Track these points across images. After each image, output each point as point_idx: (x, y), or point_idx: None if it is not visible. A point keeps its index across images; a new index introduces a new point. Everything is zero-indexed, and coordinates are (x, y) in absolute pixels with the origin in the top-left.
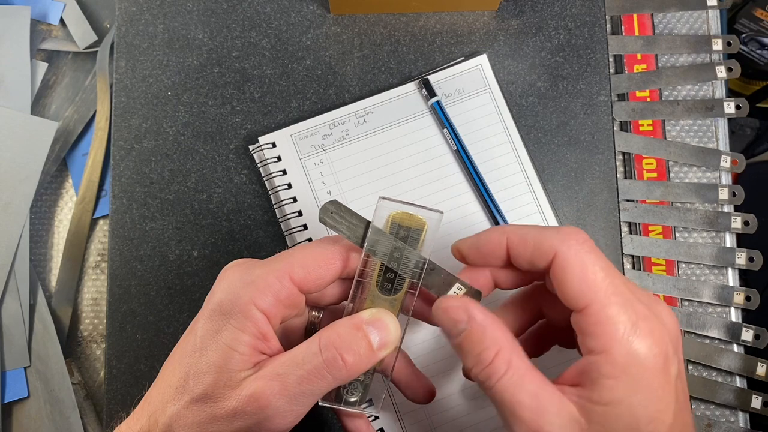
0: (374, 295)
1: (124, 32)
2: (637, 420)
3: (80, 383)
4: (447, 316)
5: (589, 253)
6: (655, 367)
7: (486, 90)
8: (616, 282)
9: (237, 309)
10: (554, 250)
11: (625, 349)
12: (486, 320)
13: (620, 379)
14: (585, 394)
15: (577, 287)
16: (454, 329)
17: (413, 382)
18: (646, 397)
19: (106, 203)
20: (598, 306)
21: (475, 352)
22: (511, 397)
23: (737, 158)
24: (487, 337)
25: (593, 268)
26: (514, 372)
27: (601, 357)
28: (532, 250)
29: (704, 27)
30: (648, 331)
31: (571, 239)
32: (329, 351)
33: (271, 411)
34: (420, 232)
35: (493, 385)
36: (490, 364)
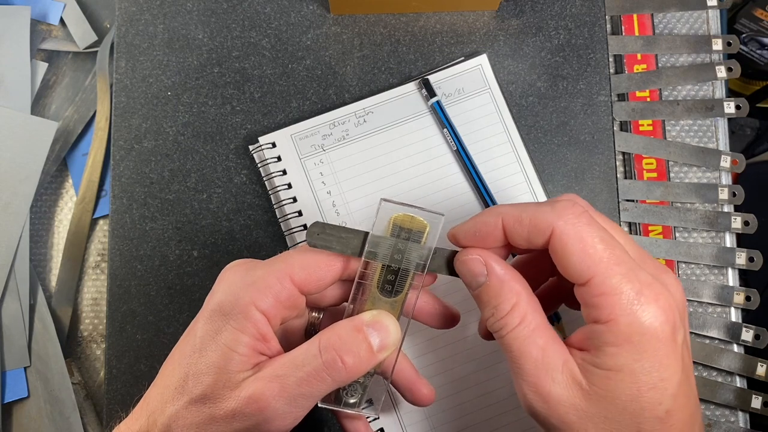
0: (375, 297)
1: (124, 32)
2: (638, 386)
3: (80, 383)
4: (467, 268)
5: (587, 226)
6: (661, 335)
7: (486, 90)
8: (617, 252)
9: (237, 310)
10: (551, 226)
11: (629, 318)
12: (505, 273)
13: (623, 347)
14: (589, 358)
15: (577, 262)
16: (473, 281)
17: (413, 384)
18: (650, 364)
19: (106, 203)
20: (600, 278)
21: (493, 304)
22: (520, 347)
23: (737, 158)
24: (505, 290)
25: (592, 241)
26: (527, 325)
27: (605, 326)
28: (529, 229)
29: (704, 27)
30: (653, 299)
31: (567, 213)
32: (329, 353)
33: (270, 412)
34: (421, 234)
35: (506, 335)
36: (506, 316)
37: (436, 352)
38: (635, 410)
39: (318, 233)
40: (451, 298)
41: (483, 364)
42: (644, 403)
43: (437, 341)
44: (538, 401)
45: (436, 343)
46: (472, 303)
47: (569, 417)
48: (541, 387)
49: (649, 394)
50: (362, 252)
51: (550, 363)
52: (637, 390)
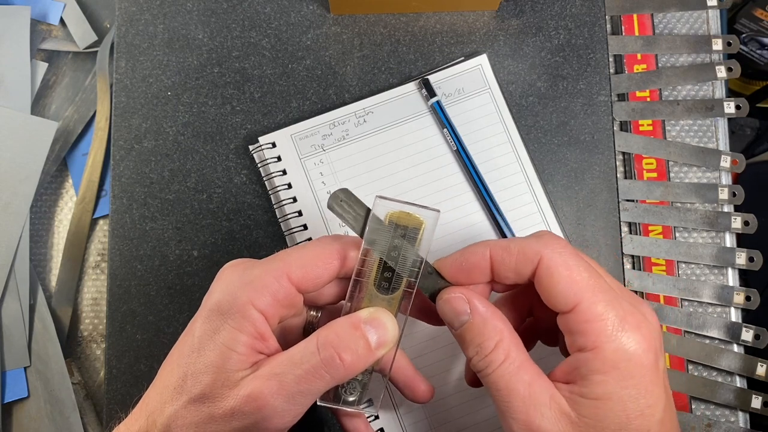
0: (372, 294)
1: (124, 32)
2: (627, 414)
3: (80, 383)
4: (450, 307)
5: (572, 256)
6: (645, 362)
7: (486, 90)
8: (600, 281)
9: (235, 309)
10: (539, 255)
11: (615, 345)
12: (487, 312)
13: (610, 374)
14: (576, 390)
15: (564, 289)
16: (456, 320)
17: (411, 381)
18: (636, 391)
19: (106, 203)
20: (586, 304)
21: (476, 342)
22: (507, 385)
23: (737, 158)
24: (488, 328)
25: (578, 269)
26: (511, 362)
27: (591, 354)
28: (517, 258)
29: (704, 27)
30: (635, 327)
31: (553, 244)
32: (327, 350)
33: (268, 411)
34: (417, 231)
35: (491, 374)
36: (490, 353)
37: (436, 351)
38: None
39: (341, 200)
40: None
41: None
42: (632, 430)
43: (437, 341)
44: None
45: (436, 343)
46: None
47: None
48: (530, 423)
49: (638, 422)
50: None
51: (537, 398)
52: (626, 417)
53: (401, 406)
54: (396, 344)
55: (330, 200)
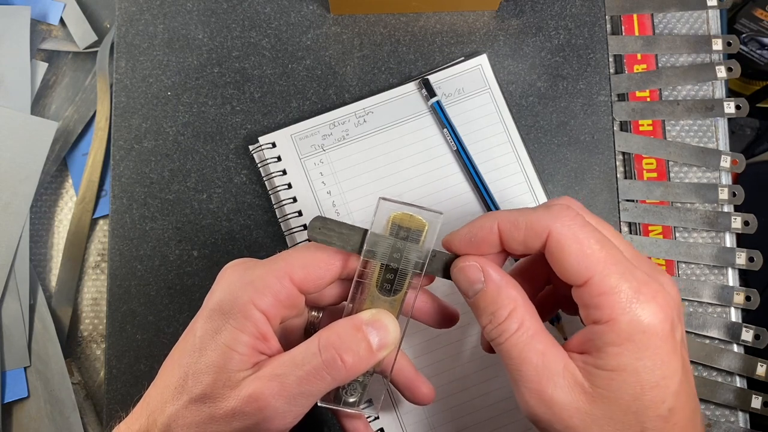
0: (374, 296)
1: (124, 32)
2: (641, 385)
3: (80, 383)
4: (464, 275)
5: (582, 228)
6: (661, 334)
7: (486, 90)
8: (613, 252)
9: (236, 309)
10: (547, 229)
11: (629, 317)
12: (502, 279)
13: (625, 346)
14: (590, 361)
15: (575, 263)
16: (470, 288)
17: (412, 383)
18: (651, 363)
19: (106, 203)
20: (598, 278)
21: (490, 311)
22: (520, 354)
23: (737, 158)
24: (502, 296)
25: (588, 242)
26: (525, 331)
27: (606, 326)
28: (525, 233)
29: (704, 27)
30: (651, 297)
31: (563, 216)
32: (328, 352)
33: (270, 411)
34: (420, 233)
35: (504, 342)
36: (504, 322)
37: (436, 352)
38: (638, 409)
39: (319, 227)
40: (450, 297)
41: (483, 364)
42: (647, 401)
43: (437, 341)
44: (541, 407)
45: (436, 343)
46: None
47: (573, 421)
48: (543, 392)
49: (652, 393)
50: (361, 250)
51: (551, 368)
52: (640, 389)
53: (401, 406)
54: (397, 346)
55: (309, 233)
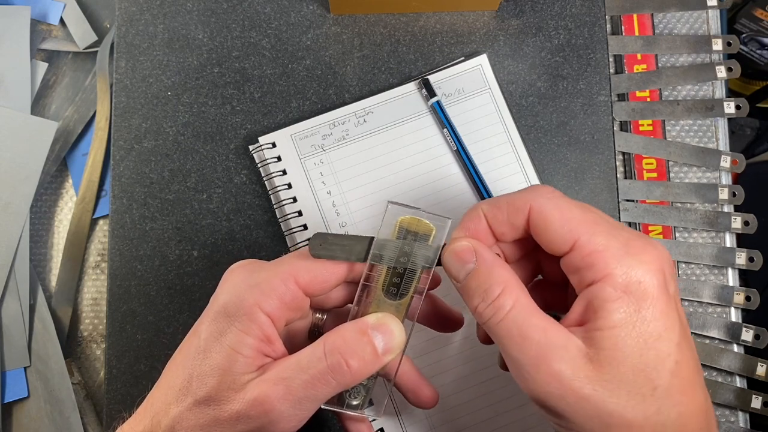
0: (380, 300)
1: (124, 32)
2: (644, 338)
3: (80, 383)
4: (456, 257)
5: (561, 198)
6: (655, 284)
7: (486, 90)
8: (595, 215)
9: (241, 311)
10: (528, 203)
11: (623, 269)
12: (494, 260)
13: (623, 299)
14: (590, 327)
15: (558, 228)
16: (462, 270)
17: (416, 386)
18: (651, 313)
19: (106, 203)
20: (586, 237)
21: (483, 288)
22: (520, 332)
23: (737, 158)
24: (494, 274)
25: (569, 207)
26: (521, 308)
27: (601, 283)
28: (507, 210)
29: (704, 27)
30: (641, 250)
31: (541, 190)
32: (334, 356)
33: (275, 415)
34: (428, 238)
35: (500, 321)
36: (497, 299)
37: (436, 352)
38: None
39: (320, 244)
40: (454, 301)
41: (483, 364)
42: (653, 356)
43: (437, 341)
44: (550, 383)
45: (437, 344)
46: None
47: (585, 391)
48: (550, 367)
49: (657, 345)
50: (367, 256)
51: (554, 341)
52: (644, 342)
53: (401, 406)
54: (402, 350)
55: (311, 251)
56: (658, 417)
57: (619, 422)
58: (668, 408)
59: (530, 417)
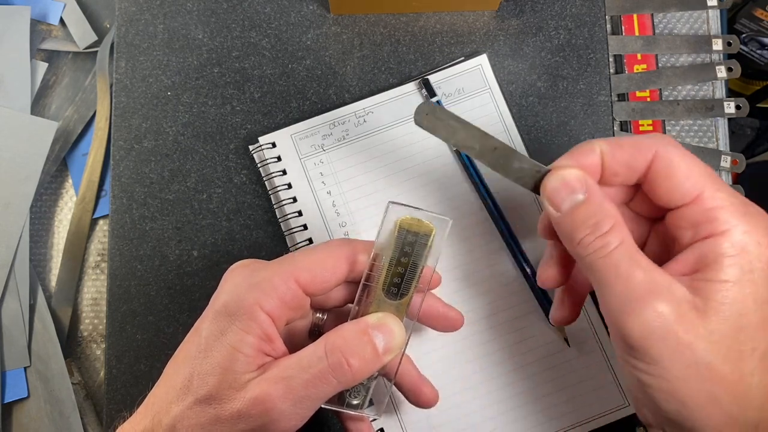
0: (380, 299)
1: (124, 32)
2: (754, 298)
3: (80, 383)
4: (563, 183)
5: (685, 151)
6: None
7: (486, 90)
8: (716, 174)
9: (242, 310)
10: (653, 149)
11: (743, 228)
12: (604, 195)
13: (741, 256)
14: (700, 276)
15: (684, 179)
16: (568, 199)
17: (416, 386)
18: (763, 276)
19: (106, 203)
20: (710, 192)
21: (593, 221)
22: (626, 268)
23: (737, 158)
24: (606, 207)
25: (694, 160)
26: (628, 246)
27: (720, 237)
28: (630, 151)
29: (704, 27)
30: (758, 214)
31: (667, 139)
32: (335, 355)
33: (275, 414)
34: (428, 238)
35: (606, 256)
36: (606, 234)
37: (436, 352)
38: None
39: (427, 113)
40: (454, 301)
41: (483, 364)
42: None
43: (437, 341)
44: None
45: (436, 344)
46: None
47: (687, 336)
48: (654, 307)
49: (764, 309)
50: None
51: (659, 282)
52: (753, 302)
53: (401, 406)
54: (403, 350)
55: (415, 116)
56: (751, 379)
57: (714, 376)
58: (761, 372)
59: (530, 417)
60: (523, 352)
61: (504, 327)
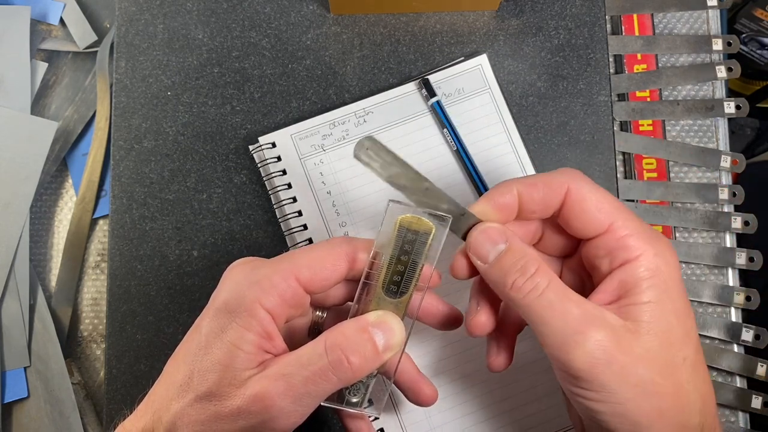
0: (380, 298)
1: (124, 32)
2: (676, 315)
3: (80, 383)
4: (486, 236)
5: (595, 185)
6: (677, 268)
7: (486, 90)
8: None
9: (242, 308)
10: (565, 185)
11: (655, 250)
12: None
13: (656, 278)
14: (624, 302)
15: (595, 211)
16: (493, 250)
17: (415, 384)
18: (677, 293)
19: (106, 203)
20: (621, 221)
21: (519, 265)
22: (559, 305)
23: (737, 158)
24: (529, 252)
25: (605, 194)
26: (557, 285)
27: (636, 262)
28: (544, 190)
29: (704, 27)
30: (659, 237)
31: (577, 175)
32: (335, 352)
33: (275, 411)
34: (427, 236)
35: (539, 295)
36: (535, 274)
37: (436, 352)
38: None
39: (367, 148)
40: (454, 300)
41: (483, 363)
42: (683, 330)
43: (437, 341)
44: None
45: (436, 343)
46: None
47: (627, 359)
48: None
49: (684, 322)
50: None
51: (592, 313)
52: (675, 318)
53: (401, 405)
54: (402, 348)
55: (356, 149)
56: (688, 386)
57: (658, 391)
58: (695, 378)
59: (530, 417)
60: (523, 351)
61: None
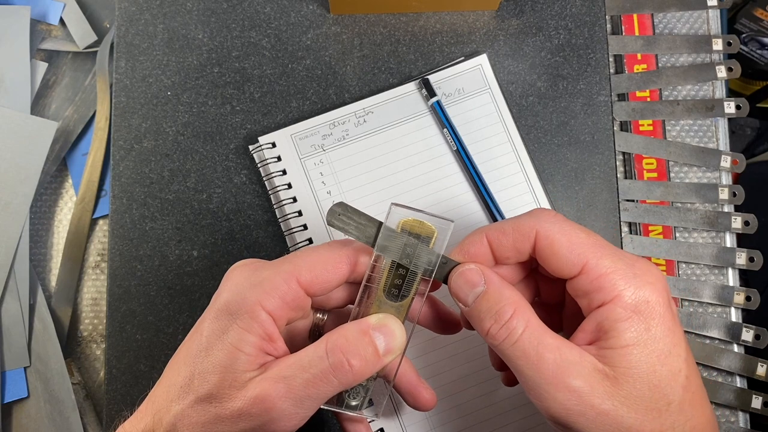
0: (381, 301)
1: (124, 32)
2: (657, 355)
3: (80, 383)
4: (464, 279)
5: (565, 222)
6: (661, 303)
7: (486, 90)
8: (599, 239)
9: (243, 310)
10: (534, 229)
11: (631, 290)
12: (502, 281)
13: (634, 319)
14: (602, 345)
15: (567, 253)
16: (470, 292)
17: (414, 388)
18: (660, 331)
19: (106, 203)
20: (594, 261)
21: (494, 311)
22: (535, 351)
23: (737, 158)
24: (504, 295)
25: (575, 232)
26: (534, 329)
27: (612, 304)
28: (513, 237)
29: (704, 27)
30: (646, 271)
31: (545, 215)
32: (336, 355)
33: (276, 413)
34: (429, 240)
35: (514, 343)
36: (509, 321)
37: (436, 352)
38: (660, 381)
39: (339, 213)
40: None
41: (483, 364)
42: (666, 372)
43: (437, 342)
44: (570, 399)
45: (436, 344)
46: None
47: (604, 406)
48: (569, 385)
49: (669, 362)
50: (375, 243)
51: (569, 359)
52: (657, 359)
53: (401, 406)
54: (403, 351)
55: (328, 216)
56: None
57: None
58: (682, 422)
59: (530, 417)
60: None
61: None
